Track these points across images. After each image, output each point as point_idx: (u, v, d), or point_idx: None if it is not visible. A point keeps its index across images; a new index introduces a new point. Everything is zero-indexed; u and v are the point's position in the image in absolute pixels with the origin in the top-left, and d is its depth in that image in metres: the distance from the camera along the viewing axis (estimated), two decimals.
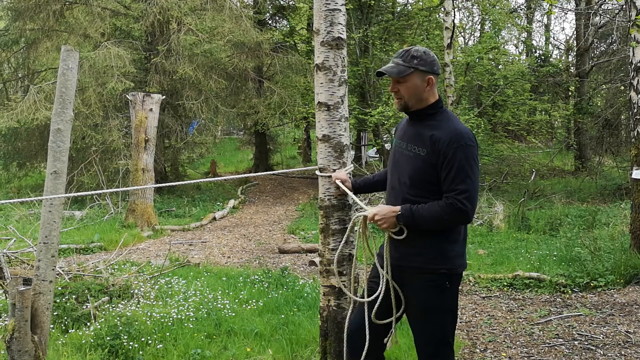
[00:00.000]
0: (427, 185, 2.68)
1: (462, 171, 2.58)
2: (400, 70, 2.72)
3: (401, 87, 2.74)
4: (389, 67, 2.75)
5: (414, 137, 2.76)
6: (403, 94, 2.75)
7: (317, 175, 3.41)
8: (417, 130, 2.76)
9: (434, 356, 2.81)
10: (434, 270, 2.71)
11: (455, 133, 2.62)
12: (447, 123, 2.69)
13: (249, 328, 4.54)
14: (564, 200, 12.97)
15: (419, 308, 2.80)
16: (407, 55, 2.74)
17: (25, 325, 3.15)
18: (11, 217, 11.10)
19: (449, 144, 2.59)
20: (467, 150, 2.60)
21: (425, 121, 2.76)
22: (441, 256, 2.71)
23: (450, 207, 2.59)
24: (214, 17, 14.50)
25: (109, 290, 5.25)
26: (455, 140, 2.60)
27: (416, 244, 2.73)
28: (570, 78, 19.44)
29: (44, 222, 3.33)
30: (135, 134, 10.91)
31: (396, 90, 2.76)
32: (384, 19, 17.81)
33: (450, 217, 2.61)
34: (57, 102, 3.35)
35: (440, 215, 2.61)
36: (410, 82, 2.72)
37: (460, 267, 2.78)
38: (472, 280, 6.62)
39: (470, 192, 2.58)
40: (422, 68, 2.71)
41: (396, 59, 2.76)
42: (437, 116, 2.75)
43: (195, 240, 9.82)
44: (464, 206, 2.57)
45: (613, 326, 4.79)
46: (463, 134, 2.62)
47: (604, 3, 16.72)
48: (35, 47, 14.58)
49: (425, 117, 2.77)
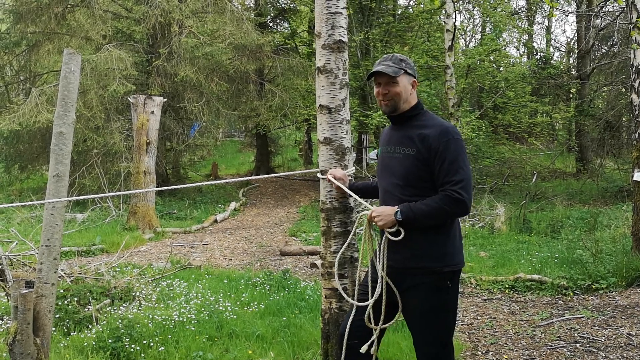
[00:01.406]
0: (420, 182, 2.74)
1: (454, 162, 2.66)
2: (394, 70, 2.82)
3: (392, 88, 2.83)
4: (384, 66, 2.84)
5: (400, 140, 2.83)
6: (393, 95, 2.83)
7: (318, 177, 3.42)
8: (403, 133, 2.84)
9: (436, 357, 2.81)
10: (439, 270, 2.73)
11: (442, 128, 2.73)
12: (433, 121, 2.81)
13: (251, 330, 4.53)
14: (565, 202, 12.96)
15: (420, 309, 2.80)
16: (394, 59, 2.88)
17: (27, 328, 3.15)
18: (13, 220, 11.12)
19: (438, 138, 2.69)
20: (456, 143, 2.69)
21: (409, 122, 2.85)
22: (445, 255, 2.75)
23: (447, 199, 2.64)
24: (215, 19, 14.52)
25: (110, 292, 5.25)
26: (443, 134, 2.70)
27: (419, 245, 2.74)
28: (571, 80, 19.42)
29: (46, 225, 3.34)
30: (136, 136, 10.93)
31: (386, 92, 2.84)
32: (385, 22, 17.82)
33: (450, 208, 2.66)
34: (60, 105, 3.36)
35: (440, 207, 2.65)
36: (401, 83, 2.83)
37: (461, 264, 2.83)
38: (473, 282, 6.62)
39: (465, 182, 2.65)
40: (409, 71, 2.86)
41: (385, 62, 2.86)
42: (420, 117, 2.85)
43: (197, 243, 9.82)
44: (461, 196, 2.63)
45: (615, 328, 4.79)
46: (449, 129, 2.73)
47: (604, 5, 16.72)
48: (37, 50, 14.60)
49: (409, 119, 2.86)
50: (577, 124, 18.70)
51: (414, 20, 17.90)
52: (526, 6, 24.07)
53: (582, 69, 18.36)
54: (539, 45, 26.48)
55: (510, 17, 18.61)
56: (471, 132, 12.90)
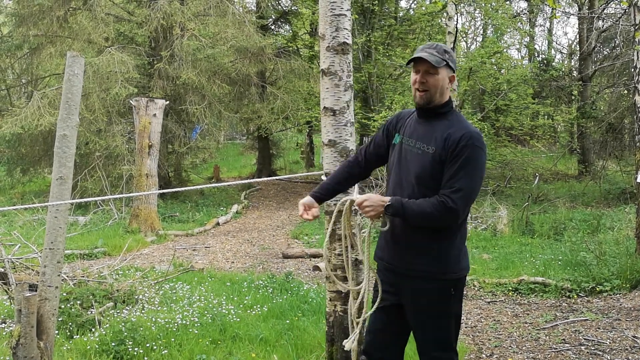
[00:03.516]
0: (433, 183, 2.60)
1: (462, 169, 2.52)
2: (437, 60, 2.61)
3: (431, 78, 2.62)
4: (428, 54, 2.62)
5: (423, 135, 2.68)
6: (431, 86, 2.63)
7: (322, 180, 3.40)
8: (428, 129, 2.68)
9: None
10: (441, 277, 2.65)
11: (466, 132, 2.57)
12: (460, 123, 2.64)
13: (254, 333, 4.52)
14: (567, 204, 12.94)
15: (422, 315, 2.73)
16: (439, 48, 2.66)
17: (31, 331, 3.15)
18: (15, 223, 11.11)
19: (459, 141, 2.54)
20: (475, 152, 2.54)
21: (437, 119, 2.69)
22: (448, 261, 2.64)
23: (441, 205, 2.51)
24: (217, 22, 14.53)
25: (113, 295, 5.24)
26: (465, 139, 2.54)
27: (422, 249, 2.66)
28: (573, 82, 19.41)
29: (49, 228, 3.33)
30: (138, 139, 10.93)
31: (424, 82, 2.64)
32: (386, 24, 17.83)
33: (440, 215, 2.52)
34: (63, 108, 3.36)
35: (430, 211, 2.53)
36: (441, 75, 2.63)
37: (465, 270, 2.73)
38: (477, 285, 6.60)
39: (464, 192, 2.51)
40: (451, 64, 2.66)
41: (429, 50, 2.64)
42: (449, 115, 2.69)
43: (199, 246, 9.81)
44: (455, 205, 2.49)
45: (620, 331, 4.77)
46: (473, 135, 2.57)
47: (606, 7, 16.72)
48: (39, 53, 14.60)
49: (438, 115, 2.69)
50: (579, 126, 18.69)
51: (415, 22, 17.89)
52: (527, 8, 24.06)
53: (584, 70, 18.35)
54: (541, 48, 26.48)
55: (512, 19, 18.62)
56: None
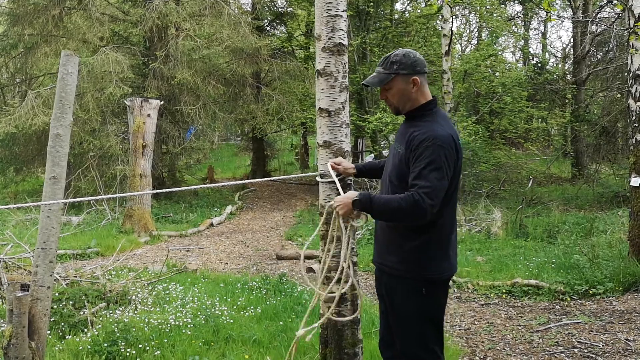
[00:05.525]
0: (402, 182, 2.65)
1: (427, 167, 2.52)
2: (381, 79, 2.76)
3: (388, 93, 2.79)
4: (371, 78, 2.80)
5: (400, 137, 2.79)
6: (391, 100, 2.79)
7: (318, 181, 3.40)
8: (404, 130, 2.78)
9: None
10: (407, 275, 2.67)
11: (430, 133, 2.58)
12: (430, 125, 2.65)
13: (247, 335, 4.51)
14: (561, 207, 12.98)
15: (397, 313, 2.75)
16: (386, 62, 2.77)
17: (22, 331, 3.12)
18: (8, 222, 11.05)
19: (422, 142, 2.57)
20: (438, 150, 2.54)
21: (413, 121, 2.76)
22: (419, 261, 2.65)
23: (409, 199, 2.50)
24: (213, 23, 14.51)
25: (106, 296, 5.21)
26: (428, 139, 2.56)
27: (395, 247, 2.71)
28: (567, 86, 19.50)
29: (42, 228, 3.31)
30: (133, 139, 10.89)
31: (385, 98, 2.81)
32: (382, 26, 17.86)
33: (408, 209, 2.51)
34: (57, 107, 3.34)
35: (397, 205, 2.54)
36: (395, 88, 2.75)
37: (442, 273, 2.69)
38: (470, 287, 6.61)
39: (431, 189, 2.50)
40: (402, 72, 2.72)
41: (378, 68, 2.81)
42: (424, 117, 2.73)
43: (193, 246, 9.78)
44: (422, 200, 2.48)
45: (613, 334, 4.78)
46: (437, 135, 2.57)
47: (600, 11, 16.81)
48: (34, 52, 14.55)
49: (414, 118, 2.78)
50: (573, 129, 18.77)
51: (410, 25, 17.93)
52: (522, 12, 24.17)
53: (578, 74, 18.44)
54: (535, 51, 26.59)
55: (507, 22, 18.68)
56: (468, 137, 12.93)
